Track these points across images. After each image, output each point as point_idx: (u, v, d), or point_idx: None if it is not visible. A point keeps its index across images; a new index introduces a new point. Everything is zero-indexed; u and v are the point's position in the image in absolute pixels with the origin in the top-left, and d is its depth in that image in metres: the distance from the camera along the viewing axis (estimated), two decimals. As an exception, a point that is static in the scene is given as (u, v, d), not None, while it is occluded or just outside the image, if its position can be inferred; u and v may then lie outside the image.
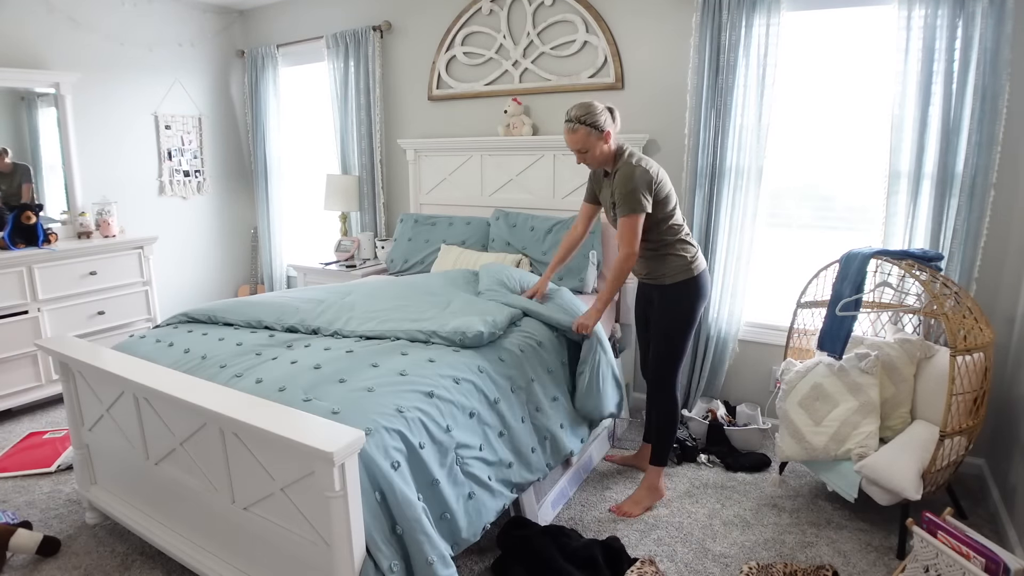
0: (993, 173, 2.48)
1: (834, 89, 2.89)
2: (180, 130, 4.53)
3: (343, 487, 1.47)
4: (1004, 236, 2.58)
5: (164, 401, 1.91)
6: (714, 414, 3.08)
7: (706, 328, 3.18)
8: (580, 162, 2.38)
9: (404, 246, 3.75)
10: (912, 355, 2.46)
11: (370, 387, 1.86)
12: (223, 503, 1.85)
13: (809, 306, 2.72)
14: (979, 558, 1.69)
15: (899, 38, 2.55)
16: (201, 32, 4.60)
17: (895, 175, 2.66)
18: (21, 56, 3.67)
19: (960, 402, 2.08)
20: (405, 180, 4.20)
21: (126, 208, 4.23)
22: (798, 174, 3.04)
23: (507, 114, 3.60)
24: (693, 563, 2.17)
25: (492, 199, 3.77)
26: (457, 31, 3.78)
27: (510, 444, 2.12)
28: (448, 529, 1.80)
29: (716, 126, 2.98)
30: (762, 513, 2.47)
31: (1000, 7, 2.35)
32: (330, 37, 4.18)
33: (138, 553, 2.24)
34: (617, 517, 2.45)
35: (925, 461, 2.13)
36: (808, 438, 2.40)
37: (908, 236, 2.67)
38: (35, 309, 3.43)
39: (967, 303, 2.28)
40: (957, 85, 2.47)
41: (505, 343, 2.33)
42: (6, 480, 2.75)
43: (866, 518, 2.42)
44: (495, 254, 3.36)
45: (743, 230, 3.01)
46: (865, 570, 2.13)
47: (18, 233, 3.45)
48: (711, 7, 2.88)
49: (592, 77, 3.39)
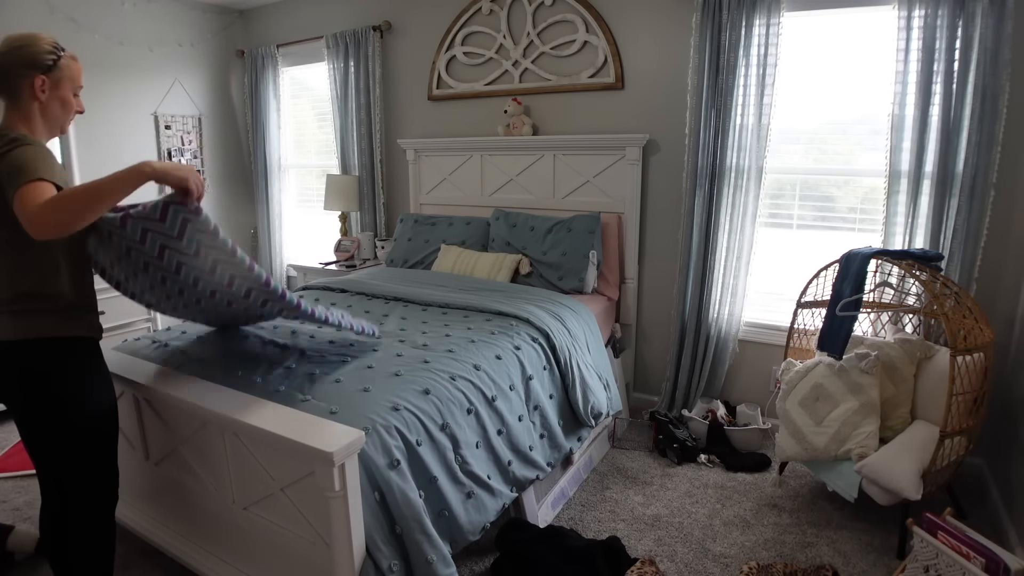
0: (993, 173, 2.48)
1: (834, 89, 2.89)
2: (180, 130, 4.53)
3: (343, 487, 1.47)
4: (1004, 236, 2.57)
5: (164, 401, 1.91)
6: (714, 414, 3.08)
7: (706, 328, 3.18)
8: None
9: (404, 246, 3.75)
10: (912, 355, 2.46)
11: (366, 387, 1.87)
12: (223, 503, 1.86)
13: (809, 306, 2.72)
14: (979, 558, 1.68)
15: (899, 38, 2.54)
16: (201, 32, 4.60)
17: (895, 175, 2.66)
18: (21, 56, 3.66)
19: (960, 402, 2.08)
20: (405, 180, 4.20)
21: (126, 208, 4.23)
22: (798, 174, 3.04)
23: (507, 114, 3.60)
24: (693, 563, 2.17)
25: (492, 199, 3.77)
26: (457, 31, 3.78)
27: (508, 442, 2.12)
28: (447, 527, 1.80)
29: (716, 126, 2.98)
30: (762, 513, 2.47)
31: (1000, 7, 2.35)
32: (330, 37, 4.18)
33: (138, 553, 2.23)
34: (617, 517, 2.44)
35: (925, 461, 2.13)
36: (808, 438, 2.40)
37: (908, 236, 2.67)
38: (35, 309, 3.42)
39: (967, 303, 2.28)
40: (957, 85, 2.47)
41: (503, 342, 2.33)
42: (6, 480, 2.75)
43: (866, 518, 2.42)
44: (495, 254, 3.36)
45: (743, 230, 3.01)
46: (865, 570, 2.13)
47: (18, 233, 3.45)
48: (711, 7, 2.88)
49: (592, 77, 3.39)
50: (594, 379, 2.64)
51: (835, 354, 2.39)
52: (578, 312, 2.84)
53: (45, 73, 1.53)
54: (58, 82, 1.56)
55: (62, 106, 1.59)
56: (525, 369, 2.30)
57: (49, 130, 1.61)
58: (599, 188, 3.40)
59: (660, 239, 3.34)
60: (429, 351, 2.20)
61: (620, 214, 3.35)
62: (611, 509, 2.50)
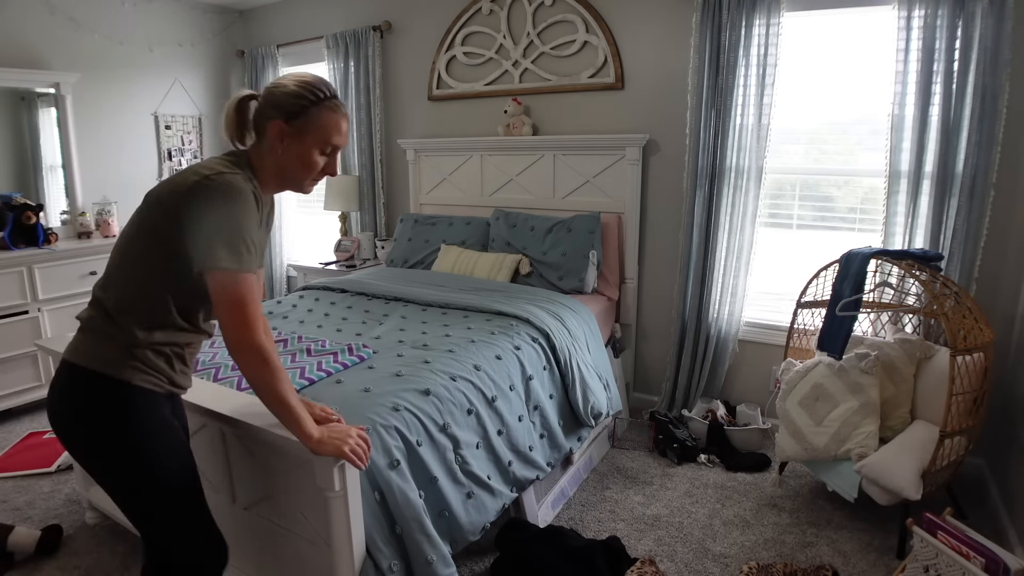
0: (993, 173, 2.48)
1: (834, 89, 2.89)
2: (180, 130, 4.53)
3: (343, 487, 1.47)
4: (1004, 236, 2.57)
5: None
6: (714, 414, 3.08)
7: (706, 328, 3.18)
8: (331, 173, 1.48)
9: (404, 246, 3.75)
10: (912, 355, 2.46)
11: (366, 387, 1.87)
12: (223, 503, 1.85)
13: (809, 306, 2.72)
14: (979, 558, 1.68)
15: (899, 38, 2.54)
16: (201, 32, 4.60)
17: (895, 175, 2.66)
18: (21, 56, 3.67)
19: (960, 402, 2.08)
20: (405, 180, 4.20)
21: (126, 208, 4.23)
22: (798, 174, 3.04)
23: (507, 114, 3.60)
24: (693, 563, 2.17)
25: (492, 199, 3.77)
26: (457, 31, 3.78)
27: (508, 442, 2.12)
28: (447, 527, 1.80)
29: (716, 126, 2.98)
30: (762, 513, 2.47)
31: (1000, 7, 2.35)
32: (330, 37, 4.18)
33: (138, 553, 2.23)
34: (617, 517, 2.45)
35: (925, 461, 2.13)
36: (808, 438, 2.40)
37: (908, 236, 2.67)
38: (35, 309, 3.43)
39: (967, 303, 2.28)
40: (957, 85, 2.47)
41: (503, 342, 2.33)
42: (6, 480, 2.75)
43: (866, 518, 2.42)
44: (495, 254, 3.36)
45: (743, 230, 3.01)
46: (865, 570, 2.13)
47: (18, 233, 3.45)
48: (711, 7, 2.88)
49: (592, 77, 3.39)
50: (594, 379, 2.64)
51: (835, 354, 2.39)
52: (578, 312, 2.84)
53: (287, 120, 1.33)
54: (301, 134, 1.34)
55: (300, 164, 1.36)
56: (525, 369, 2.30)
57: (278, 185, 1.41)
58: (599, 188, 3.40)
59: (660, 239, 3.34)
60: (429, 351, 2.20)
61: (620, 214, 3.35)
62: (611, 509, 2.50)
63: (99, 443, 1.29)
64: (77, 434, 1.30)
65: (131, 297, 1.30)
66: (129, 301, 1.30)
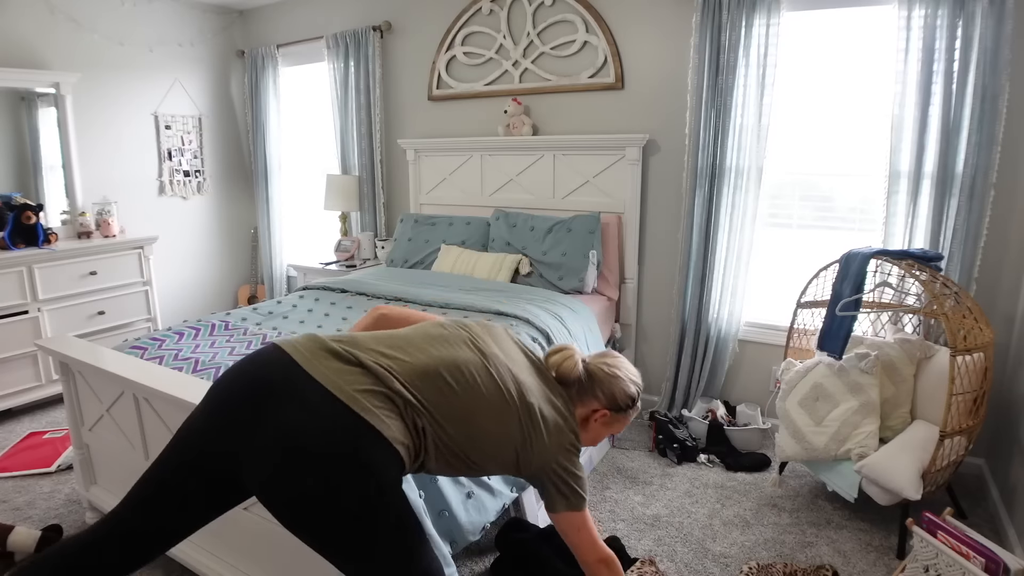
0: (993, 173, 2.48)
1: (834, 89, 2.89)
2: (180, 130, 4.53)
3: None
4: (1004, 236, 2.58)
5: (164, 401, 1.91)
6: (714, 414, 3.08)
7: (706, 328, 3.18)
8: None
9: (404, 246, 3.75)
10: (912, 355, 2.46)
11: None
12: (223, 503, 1.85)
13: (809, 306, 2.72)
14: (979, 558, 1.69)
15: (899, 38, 2.55)
16: (201, 32, 4.61)
17: (895, 175, 2.66)
18: (21, 56, 3.67)
19: (960, 402, 2.08)
20: (405, 180, 4.21)
21: (126, 208, 4.24)
22: (798, 174, 3.04)
23: (507, 114, 3.60)
24: (693, 563, 2.17)
25: (492, 199, 3.77)
26: (457, 31, 3.78)
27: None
28: (447, 527, 1.80)
29: (716, 126, 2.98)
30: (762, 513, 2.48)
31: (1000, 7, 2.35)
32: (330, 37, 4.18)
33: (138, 553, 2.23)
34: (617, 517, 2.45)
35: (925, 461, 2.13)
36: (808, 438, 2.40)
37: (908, 236, 2.67)
38: (35, 309, 3.43)
39: (967, 303, 2.28)
40: (957, 85, 2.47)
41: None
42: (6, 480, 2.75)
43: (866, 518, 2.42)
44: (495, 254, 3.36)
45: (743, 230, 3.01)
46: (865, 570, 2.13)
47: (18, 233, 3.46)
48: (711, 7, 2.88)
49: (592, 77, 3.39)
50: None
51: (835, 354, 2.39)
52: (578, 312, 2.84)
53: (613, 411, 1.51)
54: (611, 424, 1.54)
55: (595, 438, 1.55)
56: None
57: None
58: (599, 188, 3.40)
59: (660, 239, 3.34)
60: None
61: (620, 214, 3.35)
62: (611, 509, 2.50)
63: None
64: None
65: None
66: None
